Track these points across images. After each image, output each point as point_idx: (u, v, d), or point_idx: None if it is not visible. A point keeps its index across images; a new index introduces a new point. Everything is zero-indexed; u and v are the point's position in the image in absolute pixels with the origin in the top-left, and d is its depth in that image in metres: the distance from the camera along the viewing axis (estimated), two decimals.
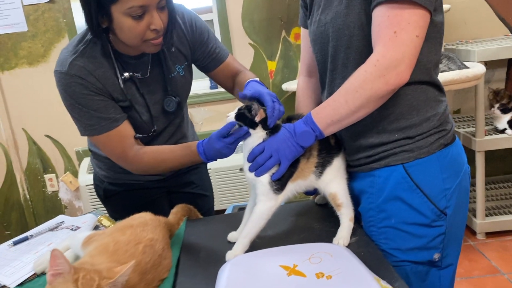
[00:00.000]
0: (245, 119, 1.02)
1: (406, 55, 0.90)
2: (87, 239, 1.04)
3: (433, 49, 1.00)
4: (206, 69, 1.38)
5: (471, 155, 2.52)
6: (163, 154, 1.23)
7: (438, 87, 1.04)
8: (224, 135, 1.06)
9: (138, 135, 1.25)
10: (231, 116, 1.04)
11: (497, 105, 2.50)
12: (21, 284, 1.04)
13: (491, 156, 2.95)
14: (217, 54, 1.35)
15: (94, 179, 1.49)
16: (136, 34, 1.10)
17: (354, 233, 1.07)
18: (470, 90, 2.51)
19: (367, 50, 0.96)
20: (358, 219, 1.13)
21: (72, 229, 1.23)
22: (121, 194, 1.42)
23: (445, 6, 2.35)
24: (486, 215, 2.56)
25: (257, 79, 1.20)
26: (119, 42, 1.16)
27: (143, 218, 1.07)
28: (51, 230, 1.26)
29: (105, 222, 1.26)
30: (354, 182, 1.11)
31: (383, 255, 1.02)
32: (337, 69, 1.04)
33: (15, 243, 1.21)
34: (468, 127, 2.68)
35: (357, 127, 1.02)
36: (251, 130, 1.03)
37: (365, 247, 1.03)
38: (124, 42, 1.15)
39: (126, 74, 1.20)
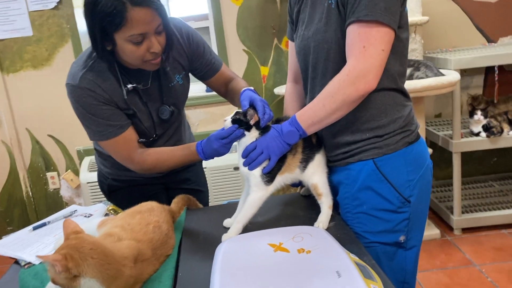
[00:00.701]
0: (241, 122, 1.19)
1: (374, 66, 1.07)
2: (101, 223, 1.19)
3: (398, 60, 1.17)
4: (202, 78, 1.53)
5: (449, 156, 2.72)
6: (165, 155, 1.37)
7: (403, 93, 1.21)
8: (223, 137, 1.21)
9: (141, 139, 1.39)
10: (228, 121, 1.20)
11: (479, 112, 2.67)
12: None
13: (469, 158, 3.14)
14: (212, 65, 1.49)
15: (99, 175, 1.63)
16: (137, 57, 1.24)
17: (332, 219, 1.23)
18: (450, 96, 2.69)
19: (342, 61, 1.12)
20: (336, 207, 1.29)
21: (85, 216, 1.39)
22: (124, 189, 1.57)
23: (423, 18, 2.54)
24: (463, 212, 2.74)
25: (251, 88, 1.35)
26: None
27: (150, 205, 1.23)
28: (66, 217, 1.42)
29: (114, 210, 1.42)
30: (333, 175, 1.28)
31: (357, 237, 1.18)
32: (317, 78, 1.21)
33: (35, 228, 1.37)
34: (447, 130, 2.86)
35: (335, 127, 1.18)
36: (246, 132, 1.19)
37: (341, 230, 1.20)
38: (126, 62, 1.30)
39: (129, 86, 1.33)
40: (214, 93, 3.14)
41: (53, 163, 3.21)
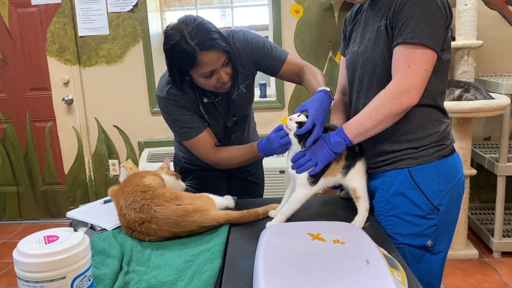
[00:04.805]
0: (301, 138, 1.31)
1: (416, 83, 1.19)
2: None
3: (439, 80, 1.28)
4: (273, 73, 1.64)
5: (494, 179, 2.74)
6: (233, 152, 1.57)
7: (441, 110, 1.32)
8: (280, 137, 1.34)
9: (217, 143, 1.61)
10: (293, 124, 1.31)
11: None
12: (115, 228, 1.40)
13: None
14: (278, 57, 1.61)
15: (175, 158, 1.90)
16: (209, 86, 1.48)
17: (367, 220, 1.35)
18: (501, 120, 2.71)
19: (387, 78, 1.25)
20: (372, 210, 1.41)
21: None
22: (193, 172, 1.78)
23: (477, 42, 2.58)
24: (504, 236, 2.75)
25: (325, 89, 1.42)
26: None
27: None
28: None
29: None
30: (371, 181, 1.40)
31: (388, 237, 1.30)
32: (362, 91, 1.35)
33: (105, 202, 1.59)
34: (495, 154, 2.87)
35: (375, 137, 1.30)
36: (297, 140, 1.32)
37: (375, 230, 1.32)
38: None
39: (205, 100, 1.57)
40: (267, 99, 3.35)
41: (116, 151, 3.50)
